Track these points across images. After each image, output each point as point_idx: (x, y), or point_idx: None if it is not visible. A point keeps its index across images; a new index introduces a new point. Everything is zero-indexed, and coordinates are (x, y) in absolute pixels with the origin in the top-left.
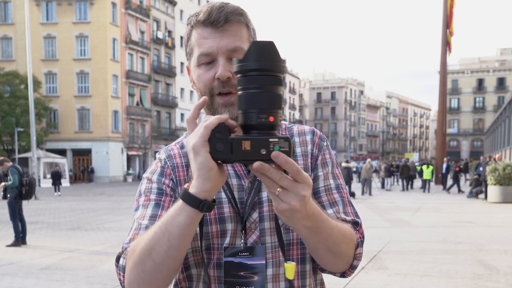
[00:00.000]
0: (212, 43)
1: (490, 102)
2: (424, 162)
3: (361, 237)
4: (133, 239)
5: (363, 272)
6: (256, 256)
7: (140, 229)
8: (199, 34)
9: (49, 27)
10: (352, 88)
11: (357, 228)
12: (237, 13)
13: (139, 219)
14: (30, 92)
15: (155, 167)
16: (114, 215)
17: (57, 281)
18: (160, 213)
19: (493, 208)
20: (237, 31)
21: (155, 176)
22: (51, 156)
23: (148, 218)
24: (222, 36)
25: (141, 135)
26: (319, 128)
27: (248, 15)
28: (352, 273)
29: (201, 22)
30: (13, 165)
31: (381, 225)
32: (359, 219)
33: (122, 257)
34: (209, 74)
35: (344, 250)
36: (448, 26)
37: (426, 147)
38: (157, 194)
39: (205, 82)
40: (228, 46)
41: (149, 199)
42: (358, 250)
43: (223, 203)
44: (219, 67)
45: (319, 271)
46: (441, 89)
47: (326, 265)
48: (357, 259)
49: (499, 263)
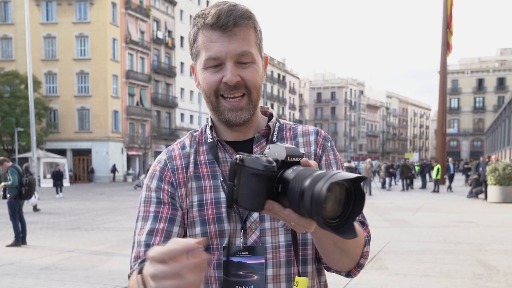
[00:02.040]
0: (221, 47)
1: (490, 102)
2: (424, 162)
3: (368, 236)
4: (136, 258)
5: (363, 272)
6: (255, 256)
7: (141, 246)
8: (207, 37)
9: (49, 27)
10: (352, 88)
11: (364, 228)
12: (246, 16)
13: (139, 235)
14: (30, 92)
15: (154, 170)
16: (114, 215)
17: (57, 281)
18: (157, 226)
19: (493, 208)
20: (246, 35)
21: (154, 182)
22: (51, 156)
23: (146, 233)
24: (231, 40)
25: (141, 135)
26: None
27: (256, 17)
28: (359, 272)
29: (209, 25)
30: (13, 165)
31: (381, 225)
32: (365, 220)
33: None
34: (215, 77)
35: (352, 248)
36: (448, 26)
37: (426, 147)
38: (156, 204)
39: (210, 84)
40: (236, 51)
41: (148, 211)
42: (366, 248)
43: (222, 203)
44: (227, 71)
45: (323, 273)
46: (441, 89)
47: (332, 262)
48: (364, 257)
49: (499, 263)
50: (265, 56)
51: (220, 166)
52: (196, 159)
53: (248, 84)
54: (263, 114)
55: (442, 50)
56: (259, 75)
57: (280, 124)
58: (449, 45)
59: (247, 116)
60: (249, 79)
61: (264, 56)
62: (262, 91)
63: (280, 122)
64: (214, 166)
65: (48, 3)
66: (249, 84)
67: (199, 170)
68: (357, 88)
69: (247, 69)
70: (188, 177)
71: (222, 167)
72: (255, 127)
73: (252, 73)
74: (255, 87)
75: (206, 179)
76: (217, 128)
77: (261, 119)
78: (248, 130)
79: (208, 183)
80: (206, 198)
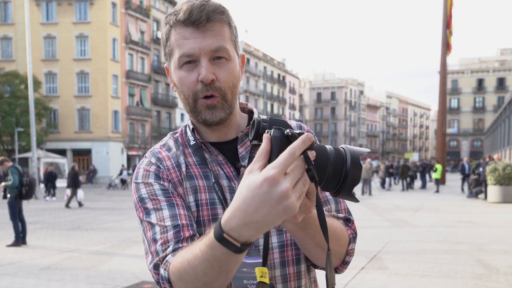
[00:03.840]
0: (194, 44)
1: (490, 102)
2: (424, 162)
3: (353, 233)
4: (164, 243)
5: (363, 272)
6: (252, 256)
7: (167, 231)
8: (179, 34)
9: (49, 27)
10: (352, 88)
11: (349, 225)
12: (219, 11)
13: (160, 222)
14: (30, 92)
15: (145, 171)
16: (114, 215)
17: (57, 281)
18: (177, 211)
19: (493, 208)
20: (219, 30)
21: (151, 179)
22: (51, 156)
23: (169, 219)
24: (204, 36)
25: (141, 135)
26: (319, 128)
27: (230, 13)
28: (345, 269)
29: (181, 21)
30: (13, 165)
31: (381, 225)
32: (351, 216)
33: (162, 267)
34: (192, 76)
35: (335, 247)
36: (448, 26)
37: (426, 147)
38: (164, 195)
39: (188, 85)
40: (211, 47)
41: (158, 201)
42: (350, 246)
43: (216, 204)
44: (201, 68)
45: (312, 269)
46: (441, 89)
47: (318, 261)
48: (349, 255)
49: (499, 263)
50: (241, 55)
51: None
52: (185, 160)
53: (222, 85)
54: (241, 110)
55: (442, 50)
56: (234, 74)
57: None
58: (449, 45)
59: (223, 115)
60: (223, 79)
61: (241, 54)
62: (238, 90)
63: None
64: (204, 167)
65: (48, 3)
66: (223, 85)
67: (190, 170)
68: (357, 88)
69: (222, 68)
70: (182, 177)
71: (211, 168)
72: (235, 126)
73: (227, 71)
74: (229, 87)
75: (199, 179)
76: (198, 130)
77: (241, 118)
78: (228, 130)
79: (202, 183)
80: (201, 198)
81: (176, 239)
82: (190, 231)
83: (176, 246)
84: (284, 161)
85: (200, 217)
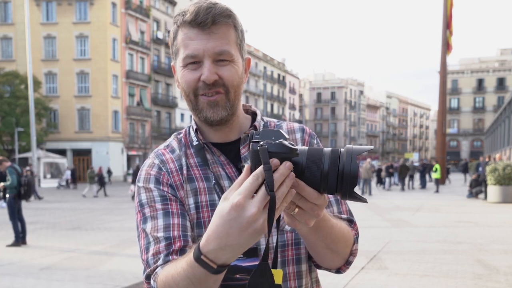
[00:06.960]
0: (198, 45)
1: (490, 102)
2: (424, 162)
3: (356, 234)
4: (155, 254)
5: (363, 272)
6: (250, 258)
7: (159, 241)
8: (185, 35)
9: (49, 27)
10: (352, 88)
11: (352, 225)
12: (225, 14)
13: (153, 232)
14: (30, 92)
15: (147, 173)
16: (114, 215)
17: (57, 281)
18: (171, 221)
19: (493, 208)
20: (225, 34)
21: (152, 184)
22: (51, 156)
23: (162, 230)
24: (209, 38)
25: (141, 135)
26: (319, 128)
27: (237, 16)
28: (347, 268)
29: (188, 22)
30: (11, 165)
31: (381, 225)
32: (353, 217)
33: (152, 279)
34: (194, 75)
35: (342, 248)
36: (448, 26)
37: (426, 147)
38: (161, 202)
39: (189, 82)
40: (214, 49)
41: (155, 209)
42: (354, 246)
43: (217, 205)
44: (204, 69)
45: (314, 269)
46: (441, 89)
47: (324, 262)
48: (353, 255)
49: (499, 263)
50: (247, 58)
51: (210, 168)
52: (187, 162)
53: (226, 82)
54: (245, 112)
55: (442, 50)
56: (238, 75)
57: (265, 122)
58: (449, 45)
59: (224, 114)
60: (226, 77)
61: (246, 58)
62: (241, 92)
63: (264, 120)
64: (205, 168)
65: (48, 3)
66: (227, 83)
67: (191, 172)
68: (357, 88)
69: (225, 67)
70: (184, 180)
71: (212, 169)
72: (238, 127)
73: (230, 71)
74: (233, 85)
75: (199, 181)
76: (201, 130)
77: (244, 119)
78: (231, 130)
79: (202, 185)
80: (201, 200)
81: (166, 251)
82: (181, 242)
83: (166, 258)
84: (248, 187)
85: (200, 218)
